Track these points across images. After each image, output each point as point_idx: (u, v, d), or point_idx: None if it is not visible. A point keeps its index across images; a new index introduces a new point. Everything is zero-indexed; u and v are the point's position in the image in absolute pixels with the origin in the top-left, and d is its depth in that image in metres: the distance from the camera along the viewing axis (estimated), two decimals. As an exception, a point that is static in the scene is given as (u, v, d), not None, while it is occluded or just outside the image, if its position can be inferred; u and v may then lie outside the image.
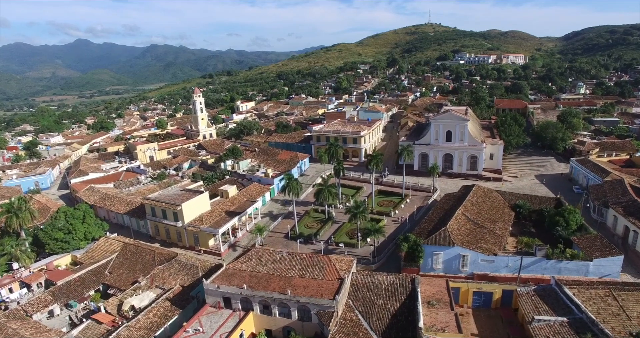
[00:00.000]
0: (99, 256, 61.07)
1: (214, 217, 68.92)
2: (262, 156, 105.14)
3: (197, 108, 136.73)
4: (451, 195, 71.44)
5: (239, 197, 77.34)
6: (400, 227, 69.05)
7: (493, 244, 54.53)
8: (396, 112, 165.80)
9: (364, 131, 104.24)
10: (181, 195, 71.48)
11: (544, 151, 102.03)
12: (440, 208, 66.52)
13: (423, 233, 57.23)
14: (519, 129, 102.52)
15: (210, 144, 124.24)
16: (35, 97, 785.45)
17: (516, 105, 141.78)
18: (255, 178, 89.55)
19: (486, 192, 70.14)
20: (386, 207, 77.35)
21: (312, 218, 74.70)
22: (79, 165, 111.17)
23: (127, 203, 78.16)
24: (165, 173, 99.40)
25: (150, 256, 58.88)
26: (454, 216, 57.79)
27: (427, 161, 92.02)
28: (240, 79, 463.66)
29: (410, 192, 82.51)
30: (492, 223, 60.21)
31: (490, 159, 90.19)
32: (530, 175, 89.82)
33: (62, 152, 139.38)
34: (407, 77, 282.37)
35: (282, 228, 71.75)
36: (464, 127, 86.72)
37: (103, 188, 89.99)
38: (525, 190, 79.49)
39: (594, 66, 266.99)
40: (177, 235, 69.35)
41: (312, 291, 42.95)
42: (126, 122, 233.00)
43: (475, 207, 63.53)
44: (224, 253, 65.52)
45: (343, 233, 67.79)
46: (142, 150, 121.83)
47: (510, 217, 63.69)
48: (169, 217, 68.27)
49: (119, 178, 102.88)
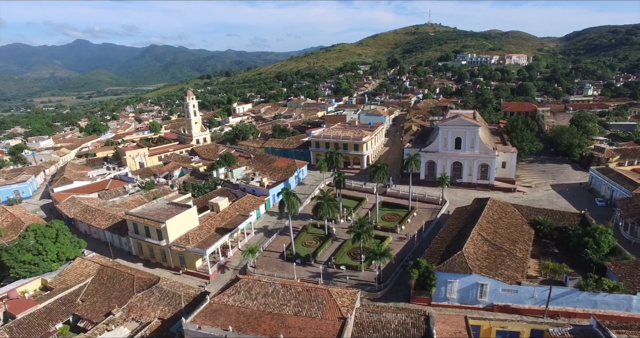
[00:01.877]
0: (72, 280, 54.61)
1: (202, 234, 62.47)
2: (257, 163, 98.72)
3: (190, 111, 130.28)
4: (463, 210, 65.00)
5: (231, 210, 70.87)
6: (407, 246, 62.59)
7: (514, 270, 48.12)
8: (398, 115, 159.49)
9: (366, 137, 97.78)
10: (167, 209, 65.00)
11: (558, 158, 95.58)
12: (452, 225, 60.08)
13: (435, 257, 50.81)
14: (531, 135, 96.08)
15: (203, 150, 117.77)
16: (34, 98, 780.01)
17: (525, 108, 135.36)
18: (249, 189, 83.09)
19: (502, 207, 63.74)
20: (391, 221, 70.91)
21: (311, 234, 68.21)
22: (63, 172, 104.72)
23: (108, 218, 71.63)
24: (153, 183, 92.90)
25: (129, 281, 52.44)
26: (469, 237, 51.41)
27: (435, 170, 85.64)
28: (239, 80, 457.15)
29: (417, 204, 76.12)
30: (511, 243, 53.80)
31: (502, 168, 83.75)
32: (546, 184, 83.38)
33: (49, 157, 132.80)
34: (409, 78, 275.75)
35: (277, 246, 65.26)
36: (475, 133, 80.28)
37: (86, 199, 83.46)
38: (542, 203, 73.21)
39: (600, 67, 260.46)
40: (162, 254, 62.87)
41: (309, 333, 36.51)
42: (120, 125, 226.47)
43: (492, 225, 57.13)
44: (212, 276, 59.06)
45: (344, 253, 61.30)
46: (132, 156, 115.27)
47: (530, 236, 57.30)
48: (152, 234, 61.78)
49: (105, 186, 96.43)
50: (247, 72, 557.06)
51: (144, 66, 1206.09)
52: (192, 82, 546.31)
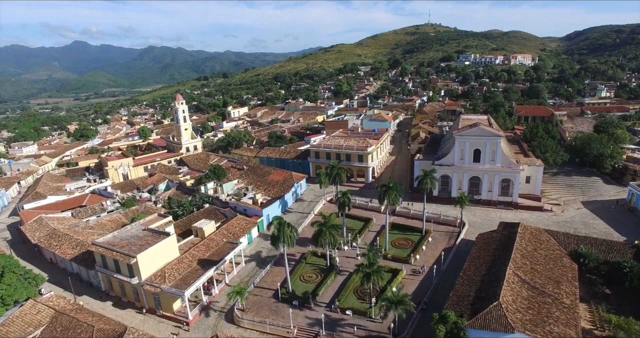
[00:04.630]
0: (16, 332, 44.76)
1: (181, 269, 52.77)
2: (250, 176, 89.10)
3: (179, 117, 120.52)
4: (489, 238, 55.32)
5: (218, 236, 61.15)
6: (424, 282, 52.96)
7: (566, 324, 38.49)
8: (403, 119, 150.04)
9: (371, 147, 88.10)
10: (141, 238, 55.28)
11: (585, 170, 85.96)
12: (479, 258, 50.43)
13: (463, 305, 41.20)
14: (555, 143, 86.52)
15: (193, 159, 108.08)
16: (30, 100, 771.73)
17: (541, 112, 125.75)
18: (240, 208, 73.40)
19: (535, 234, 54.13)
20: (403, 248, 61.34)
21: (310, 265, 58.58)
22: (37, 185, 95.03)
23: (76, 245, 61.78)
24: (135, 199, 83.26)
25: (87, 334, 42.73)
26: (505, 279, 41.83)
27: (449, 185, 76.03)
28: (236, 82, 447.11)
29: (432, 225, 66.52)
30: (554, 285, 44.18)
31: (526, 183, 74.13)
32: (575, 201, 73.75)
33: (28, 166, 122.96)
34: (412, 80, 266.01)
35: (270, 282, 55.60)
36: (497, 144, 70.66)
37: (56, 220, 73.67)
38: (577, 226, 63.62)
39: (610, 67, 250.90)
40: (134, 293, 53.18)
41: None
42: (111, 129, 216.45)
43: (528, 260, 47.52)
44: (192, 321, 49.39)
45: (350, 292, 51.65)
46: (115, 167, 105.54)
47: (575, 273, 47.68)
48: (122, 270, 52.09)
49: (82, 202, 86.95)
50: (244, 73, 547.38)
51: (142, 67, 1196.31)
52: (189, 84, 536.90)
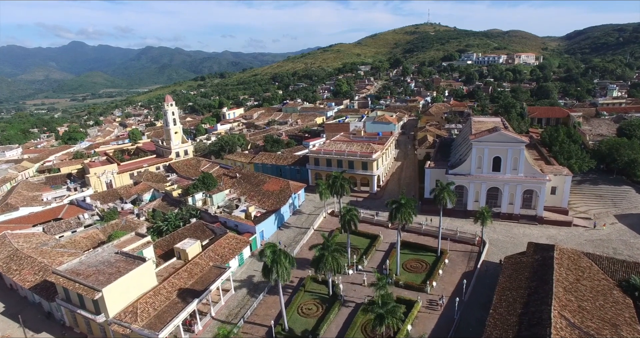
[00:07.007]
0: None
1: (158, 302, 44.57)
2: (243, 185, 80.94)
3: (169, 119, 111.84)
4: (518, 263, 47.16)
5: (204, 259, 52.95)
6: (443, 317, 44.79)
7: (632, 386, 30.47)
8: (407, 121, 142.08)
9: (376, 153, 80.00)
10: (112, 264, 47.04)
11: (613, 177, 78.03)
12: (510, 290, 42.26)
13: (501, 358, 33.14)
14: (579, 149, 78.64)
15: (182, 166, 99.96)
16: (26, 101, 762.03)
17: (555, 113, 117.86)
18: (231, 223, 65.26)
19: (573, 259, 46.02)
20: (416, 272, 53.27)
21: (309, 294, 50.44)
22: (10, 194, 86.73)
23: (39, 270, 53.40)
24: (115, 212, 75.02)
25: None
26: (552, 323, 33.76)
27: (464, 196, 68.05)
28: (233, 82, 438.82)
29: (448, 243, 58.48)
30: (612, 330, 35.97)
31: (551, 194, 66.13)
32: (608, 215, 65.73)
33: (5, 172, 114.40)
34: (414, 79, 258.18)
35: (263, 315, 47.44)
36: (520, 152, 62.60)
37: (22, 236, 65.18)
38: (615, 246, 55.66)
39: (618, 65, 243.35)
40: (102, 331, 44.95)
41: None
42: (101, 131, 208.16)
43: (572, 296, 39.40)
44: (169, 368, 41.23)
45: (358, 328, 43.51)
46: (97, 175, 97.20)
47: (632, 311, 39.55)
48: (87, 305, 43.90)
49: (58, 214, 78.78)
50: (242, 73, 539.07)
51: (139, 68, 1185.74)
52: (185, 84, 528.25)
